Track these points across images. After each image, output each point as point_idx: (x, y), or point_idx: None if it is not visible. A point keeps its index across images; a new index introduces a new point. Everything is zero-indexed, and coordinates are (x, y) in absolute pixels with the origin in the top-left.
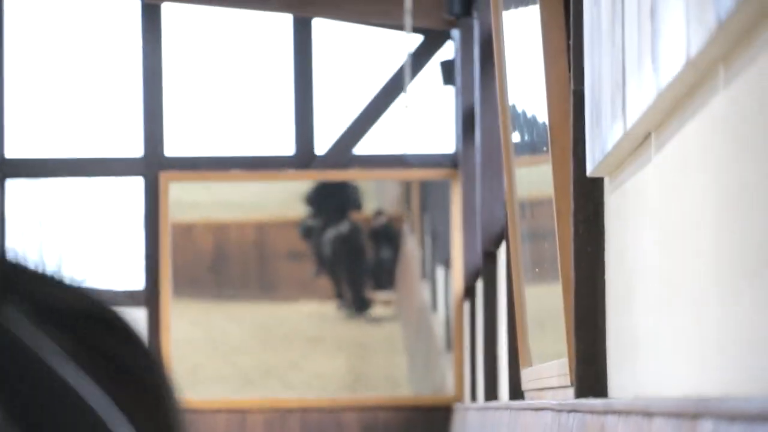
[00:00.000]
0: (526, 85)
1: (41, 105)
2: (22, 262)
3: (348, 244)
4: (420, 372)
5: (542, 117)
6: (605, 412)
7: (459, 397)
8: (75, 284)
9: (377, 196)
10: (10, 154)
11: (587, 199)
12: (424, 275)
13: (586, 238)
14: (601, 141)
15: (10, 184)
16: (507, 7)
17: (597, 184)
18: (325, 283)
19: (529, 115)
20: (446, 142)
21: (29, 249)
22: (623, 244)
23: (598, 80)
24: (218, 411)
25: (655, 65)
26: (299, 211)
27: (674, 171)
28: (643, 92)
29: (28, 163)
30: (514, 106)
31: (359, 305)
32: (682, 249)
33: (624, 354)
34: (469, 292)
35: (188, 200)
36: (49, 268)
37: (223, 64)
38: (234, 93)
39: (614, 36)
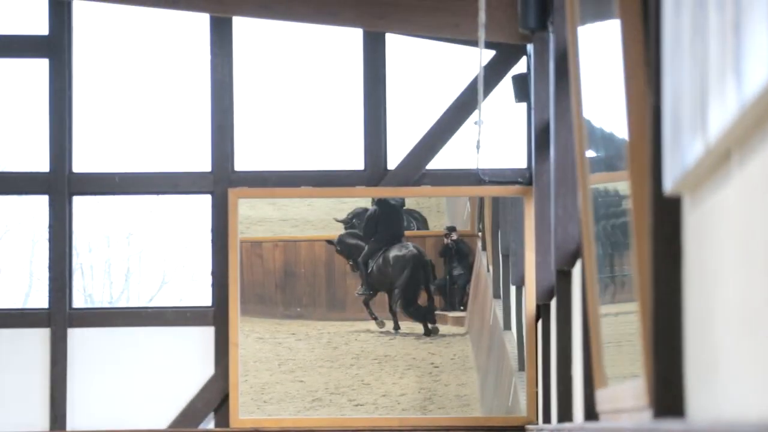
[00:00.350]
0: (602, 100)
1: (109, 120)
2: None
3: (411, 265)
4: (492, 392)
5: (620, 133)
6: None
7: (532, 418)
8: None
9: (449, 212)
10: (78, 168)
11: (666, 218)
12: (496, 294)
13: (664, 258)
14: (681, 158)
15: (78, 200)
16: (583, 22)
17: (676, 202)
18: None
19: (605, 131)
20: (519, 158)
21: (96, 265)
22: (703, 263)
23: (678, 95)
24: (287, 430)
25: (738, 80)
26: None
27: (757, 189)
28: (726, 108)
29: (95, 179)
30: (589, 122)
31: (426, 326)
32: (764, 269)
33: (703, 375)
34: (543, 311)
35: (257, 216)
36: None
37: (294, 78)
38: (304, 108)
39: (695, 50)
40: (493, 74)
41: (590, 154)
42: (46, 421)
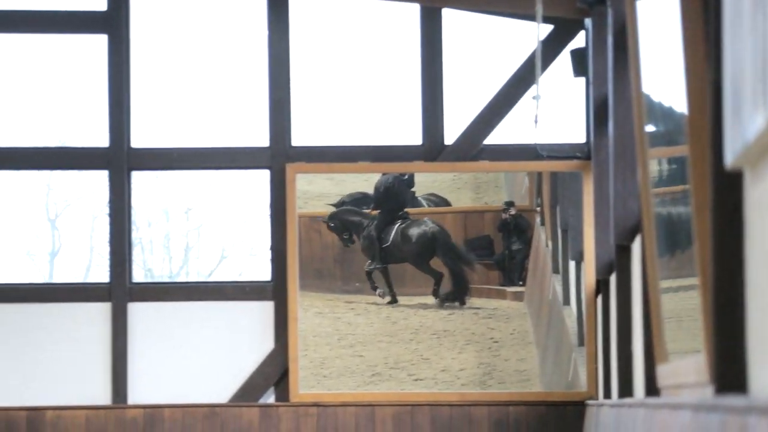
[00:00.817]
0: (661, 74)
1: (168, 96)
2: None
3: (447, 245)
4: (551, 367)
5: (679, 107)
6: (747, 411)
7: (592, 393)
8: None
9: (507, 187)
10: (136, 144)
11: (727, 193)
12: (555, 269)
13: (725, 232)
14: (742, 132)
15: (137, 175)
16: None
17: (737, 176)
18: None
19: (665, 106)
20: (578, 133)
21: (156, 240)
22: (765, 237)
23: (739, 69)
24: (347, 404)
25: None
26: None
27: None
28: None
29: (154, 154)
30: (648, 96)
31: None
32: None
33: (766, 351)
34: (602, 286)
35: (315, 191)
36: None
37: (351, 53)
38: (362, 83)
39: (756, 23)
40: (550, 49)
41: (649, 128)
42: (108, 395)
